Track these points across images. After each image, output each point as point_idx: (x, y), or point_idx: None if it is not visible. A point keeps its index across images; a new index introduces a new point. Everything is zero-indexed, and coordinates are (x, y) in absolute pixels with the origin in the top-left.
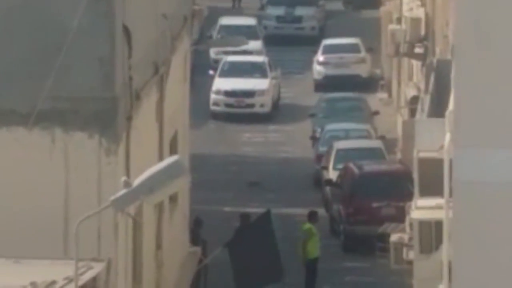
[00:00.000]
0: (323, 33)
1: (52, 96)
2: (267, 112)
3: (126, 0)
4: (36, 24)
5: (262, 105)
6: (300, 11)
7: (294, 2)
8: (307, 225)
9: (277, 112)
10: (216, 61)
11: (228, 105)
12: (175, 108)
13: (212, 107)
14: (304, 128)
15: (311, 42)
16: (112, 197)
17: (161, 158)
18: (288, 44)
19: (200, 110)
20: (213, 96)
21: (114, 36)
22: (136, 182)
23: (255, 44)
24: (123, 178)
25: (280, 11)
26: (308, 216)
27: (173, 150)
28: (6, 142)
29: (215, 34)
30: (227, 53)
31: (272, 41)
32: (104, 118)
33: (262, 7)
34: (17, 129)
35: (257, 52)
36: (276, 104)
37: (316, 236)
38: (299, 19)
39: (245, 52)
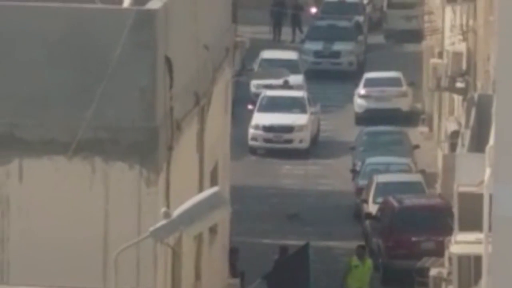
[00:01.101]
0: (362, 68)
1: (93, 125)
2: (306, 147)
3: (168, 31)
4: (77, 53)
5: (301, 141)
6: (338, 46)
7: (332, 37)
8: (351, 258)
9: (316, 148)
10: (257, 95)
11: (266, 140)
12: (216, 139)
13: (251, 142)
14: (344, 161)
15: (349, 77)
16: (152, 228)
17: (201, 189)
18: (326, 79)
19: (241, 142)
20: (251, 131)
21: (156, 66)
22: (176, 213)
23: (296, 79)
24: (163, 209)
25: (318, 46)
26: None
27: (213, 181)
28: (46, 171)
29: (256, 67)
30: (267, 87)
31: (310, 76)
32: (145, 148)
33: (302, 41)
34: (58, 158)
35: (298, 87)
36: (315, 140)
37: (356, 269)
38: (337, 54)
39: (286, 86)
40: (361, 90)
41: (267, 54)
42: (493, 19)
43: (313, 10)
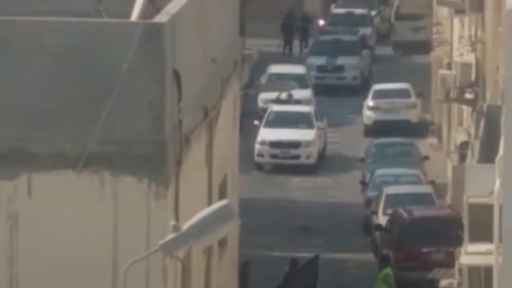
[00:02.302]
0: (368, 82)
1: (101, 139)
2: (313, 163)
3: (176, 44)
4: (86, 66)
5: (308, 157)
6: (341, 60)
7: (336, 52)
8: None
9: (323, 163)
10: (264, 110)
11: (273, 156)
12: (225, 152)
13: (257, 158)
14: (354, 173)
15: (353, 92)
16: (161, 241)
17: (210, 202)
18: (330, 94)
19: (248, 157)
20: (257, 147)
21: (164, 79)
22: (185, 226)
23: (305, 93)
24: (172, 222)
25: (321, 60)
26: None
27: (222, 194)
28: (55, 185)
29: (264, 81)
30: (275, 102)
31: (315, 91)
32: (154, 161)
33: (306, 56)
34: (66, 172)
35: (307, 101)
36: (322, 155)
37: (378, 281)
38: (340, 69)
39: (290, 100)
40: (370, 102)
41: (275, 68)
42: (501, 30)
43: (321, 22)
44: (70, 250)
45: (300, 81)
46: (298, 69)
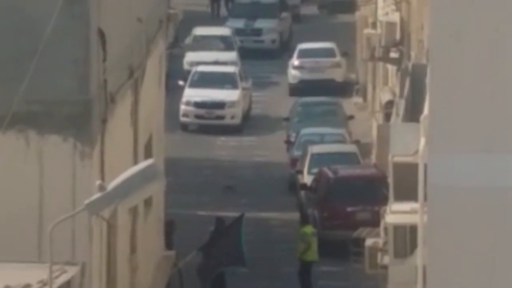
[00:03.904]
0: (287, 45)
1: (26, 99)
2: (238, 123)
3: (101, 3)
4: (10, 27)
5: (232, 117)
6: (260, 23)
7: (254, 15)
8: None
9: (248, 123)
10: (190, 72)
11: (198, 116)
12: (150, 111)
13: (182, 118)
14: (279, 133)
15: (272, 55)
16: (87, 201)
17: (136, 161)
18: (248, 57)
19: (174, 115)
20: (183, 107)
21: (89, 39)
22: (111, 185)
23: (230, 55)
24: (98, 182)
25: (240, 23)
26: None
27: (148, 154)
28: None
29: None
30: (200, 64)
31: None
32: (79, 121)
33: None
34: None
35: (232, 63)
36: (247, 115)
37: (297, 239)
38: (258, 32)
39: (218, 63)
40: (295, 61)
41: (199, 30)
42: None
43: None
44: None
45: (226, 43)
46: (224, 31)
